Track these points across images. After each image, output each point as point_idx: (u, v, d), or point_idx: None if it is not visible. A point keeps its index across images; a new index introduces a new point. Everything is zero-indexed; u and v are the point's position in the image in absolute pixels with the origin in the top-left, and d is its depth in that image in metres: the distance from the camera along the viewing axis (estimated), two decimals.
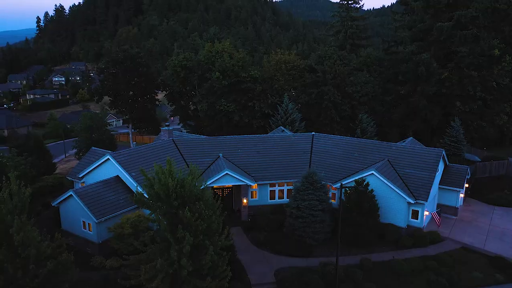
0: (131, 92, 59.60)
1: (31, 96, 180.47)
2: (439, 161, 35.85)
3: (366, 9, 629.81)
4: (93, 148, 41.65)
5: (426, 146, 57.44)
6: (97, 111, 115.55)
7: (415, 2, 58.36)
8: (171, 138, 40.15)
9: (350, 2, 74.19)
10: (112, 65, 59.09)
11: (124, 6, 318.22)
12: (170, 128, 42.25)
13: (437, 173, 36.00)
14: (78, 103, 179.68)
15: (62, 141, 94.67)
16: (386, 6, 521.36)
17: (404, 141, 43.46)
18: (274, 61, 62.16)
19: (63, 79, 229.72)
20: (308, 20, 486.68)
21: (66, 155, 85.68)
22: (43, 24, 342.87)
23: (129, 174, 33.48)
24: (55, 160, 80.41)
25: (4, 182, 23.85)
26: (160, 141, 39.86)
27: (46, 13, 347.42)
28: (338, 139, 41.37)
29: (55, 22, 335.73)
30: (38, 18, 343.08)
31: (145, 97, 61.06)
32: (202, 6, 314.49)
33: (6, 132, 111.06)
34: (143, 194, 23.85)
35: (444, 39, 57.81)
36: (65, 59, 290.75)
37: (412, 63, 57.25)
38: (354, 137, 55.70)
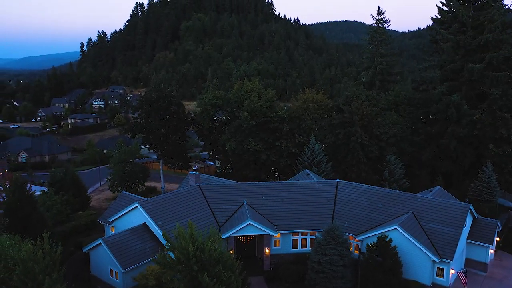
0: (162, 130, 61.80)
1: (72, 120, 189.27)
2: (466, 217, 35.09)
3: (401, 31, 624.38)
4: (124, 192, 43.48)
5: (457, 189, 56.79)
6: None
7: (444, 43, 57.96)
8: (197, 184, 41.37)
9: (380, 19, 74.16)
10: (145, 104, 61.73)
11: (162, 32, 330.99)
12: (197, 173, 43.49)
13: (464, 228, 35.21)
14: (115, 127, 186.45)
15: (98, 168, 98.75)
16: (421, 29, 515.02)
17: (431, 191, 42.72)
18: (302, 100, 62.97)
19: (102, 102, 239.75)
20: (341, 43, 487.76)
21: (101, 183, 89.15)
22: (86, 49, 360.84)
23: (156, 223, 34.76)
24: (91, 190, 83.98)
25: (38, 241, 25.42)
26: (187, 187, 41.16)
27: (90, 39, 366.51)
28: (362, 188, 41.27)
29: (97, 47, 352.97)
30: (82, 43, 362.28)
31: (177, 134, 63.10)
32: (236, 31, 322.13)
33: (47, 158, 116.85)
34: (165, 256, 24.87)
35: (476, 80, 56.90)
36: (105, 83, 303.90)
37: (442, 104, 56.54)
38: (382, 178, 55.53)
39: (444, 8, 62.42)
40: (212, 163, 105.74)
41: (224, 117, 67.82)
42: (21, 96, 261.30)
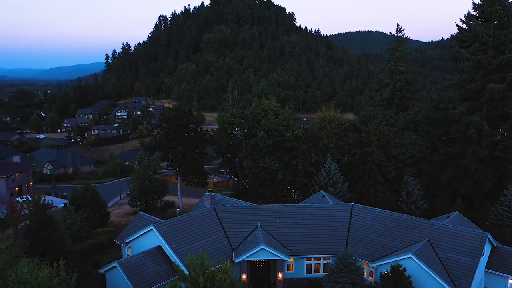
0: (181, 147, 62.78)
1: (95, 132, 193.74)
2: (483, 246, 34.32)
3: (424, 41, 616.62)
4: (140, 212, 44.20)
5: (478, 212, 55.46)
6: None
7: (464, 63, 57.17)
8: (212, 206, 41.83)
9: (399, 37, 73.71)
10: (164, 122, 62.97)
11: (184, 44, 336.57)
12: (212, 194, 43.96)
13: (482, 258, 34.42)
14: (137, 138, 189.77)
15: (119, 181, 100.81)
16: (445, 39, 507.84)
17: (448, 216, 41.92)
18: (319, 118, 63.00)
19: (125, 113, 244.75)
20: (363, 53, 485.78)
21: (122, 196, 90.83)
22: (110, 61, 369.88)
23: (170, 246, 35.28)
24: (111, 203, 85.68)
25: (55, 267, 26.22)
26: (202, 209, 41.65)
27: (114, 51, 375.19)
28: (377, 213, 40.88)
29: (121, 59, 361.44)
30: (106, 55, 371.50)
31: (194, 152, 64.01)
32: (257, 43, 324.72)
33: (70, 170, 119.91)
34: (176, 286, 25.28)
35: (497, 100, 55.80)
36: (128, 94, 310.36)
37: (462, 125, 55.56)
38: (399, 199, 54.83)
39: (464, 26, 61.69)
40: (229, 176, 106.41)
41: (242, 131, 68.13)
42: (48, 107, 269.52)
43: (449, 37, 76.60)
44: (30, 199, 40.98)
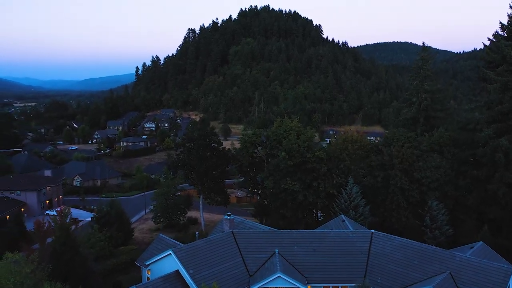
0: (203, 167, 63.70)
1: (124, 144, 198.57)
2: (508, 281, 33.08)
3: (456, 52, 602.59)
4: (160, 235, 45.03)
5: (506, 239, 53.48)
6: None
7: (491, 84, 55.74)
8: (230, 230, 42.17)
9: (424, 56, 72.62)
10: (187, 142, 64.17)
11: (212, 57, 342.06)
12: (231, 218, 44.29)
13: None
14: (164, 150, 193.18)
15: (144, 194, 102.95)
16: (478, 49, 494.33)
17: (472, 247, 40.68)
18: (341, 140, 62.66)
19: (154, 125, 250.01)
20: (391, 64, 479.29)
21: (146, 211, 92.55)
22: (140, 73, 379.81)
23: (187, 271, 35.76)
24: (136, 217, 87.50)
25: None
26: (220, 234, 42.03)
27: (144, 64, 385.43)
28: (398, 242, 40.07)
29: (150, 72, 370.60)
30: (137, 68, 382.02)
31: (216, 171, 64.79)
32: (284, 55, 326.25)
33: (99, 182, 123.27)
34: None
35: None
36: (157, 106, 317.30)
37: (489, 148, 53.99)
38: (423, 224, 53.58)
39: (492, 45, 60.19)
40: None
41: (263, 150, 68.44)
42: (80, 118, 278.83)
43: (481, 48, 74.78)
44: (56, 215, 42.84)
